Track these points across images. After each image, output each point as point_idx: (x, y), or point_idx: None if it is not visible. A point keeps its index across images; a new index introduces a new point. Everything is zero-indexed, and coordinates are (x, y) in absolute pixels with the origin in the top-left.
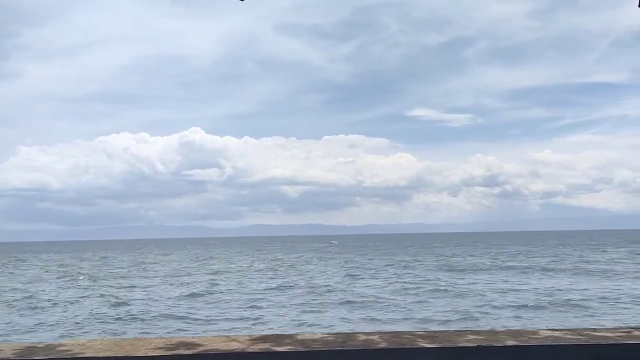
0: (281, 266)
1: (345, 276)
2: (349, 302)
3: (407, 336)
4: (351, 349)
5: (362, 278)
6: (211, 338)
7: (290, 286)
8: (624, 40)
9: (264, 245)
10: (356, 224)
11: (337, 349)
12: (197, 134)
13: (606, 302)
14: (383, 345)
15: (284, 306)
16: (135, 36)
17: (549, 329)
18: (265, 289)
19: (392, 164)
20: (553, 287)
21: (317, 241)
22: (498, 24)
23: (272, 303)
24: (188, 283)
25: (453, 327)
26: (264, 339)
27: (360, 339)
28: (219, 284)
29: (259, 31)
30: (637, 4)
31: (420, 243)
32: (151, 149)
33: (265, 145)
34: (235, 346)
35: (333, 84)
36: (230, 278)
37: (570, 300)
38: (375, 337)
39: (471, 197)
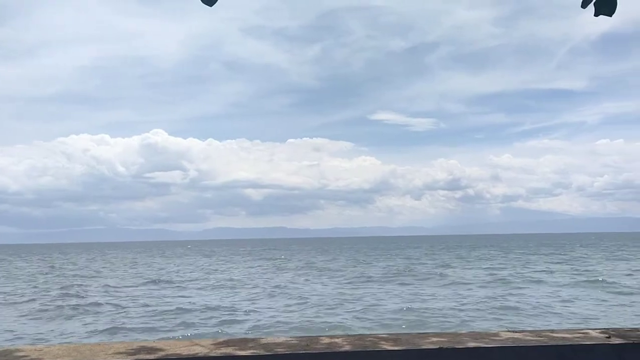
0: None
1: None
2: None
3: (370, 339)
4: (315, 352)
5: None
6: (173, 342)
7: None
8: (582, 48)
9: (215, 249)
10: (320, 227)
11: (301, 352)
12: (159, 136)
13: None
14: (347, 348)
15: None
16: (98, 36)
17: (510, 331)
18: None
19: (356, 167)
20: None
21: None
22: (462, 31)
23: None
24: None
25: (416, 330)
26: (227, 343)
27: (324, 341)
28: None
29: (225, 33)
30: (594, 13)
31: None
32: (112, 150)
33: (229, 147)
34: (197, 350)
35: (298, 87)
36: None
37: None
38: (339, 340)
39: (434, 201)
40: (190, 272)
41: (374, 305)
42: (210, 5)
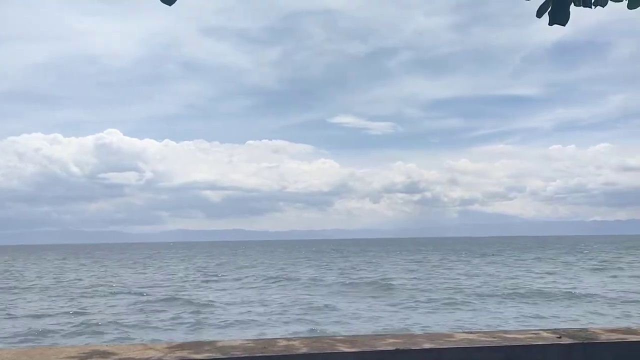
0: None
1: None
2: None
3: (327, 341)
4: (272, 354)
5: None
6: (126, 346)
7: None
8: (536, 56)
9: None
10: (279, 230)
11: (258, 355)
12: (114, 136)
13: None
14: (304, 350)
15: None
16: (50, 34)
17: (464, 332)
18: None
19: (315, 170)
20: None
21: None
22: (421, 36)
23: None
24: None
25: (373, 332)
26: (182, 346)
27: (281, 344)
28: None
29: (183, 33)
30: (548, 22)
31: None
32: (65, 150)
33: (186, 148)
34: (151, 354)
35: (258, 88)
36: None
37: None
38: (296, 343)
39: (392, 204)
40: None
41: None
42: (170, 5)
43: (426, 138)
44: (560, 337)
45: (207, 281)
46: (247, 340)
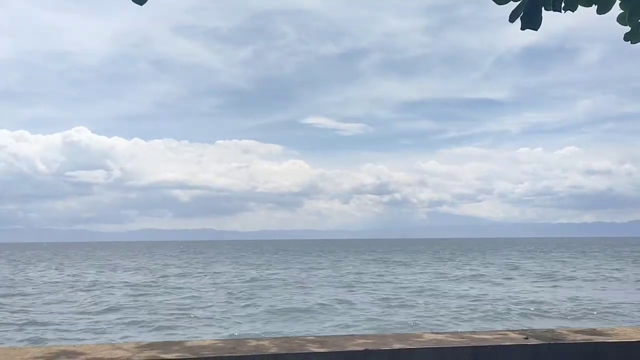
0: None
1: None
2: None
3: (297, 341)
4: (241, 354)
5: None
6: (94, 346)
7: None
8: (505, 60)
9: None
10: (249, 230)
11: (227, 355)
12: (82, 134)
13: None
14: (274, 350)
15: None
16: (17, 29)
17: (433, 333)
18: None
19: (285, 170)
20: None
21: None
22: (393, 38)
23: None
24: None
25: (342, 332)
26: (150, 346)
27: (251, 344)
28: None
29: (153, 31)
30: (520, 26)
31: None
32: (32, 147)
33: (156, 147)
34: (120, 354)
35: (229, 88)
36: None
37: None
38: (266, 343)
39: (362, 205)
40: None
41: None
42: (141, 4)
43: (397, 140)
44: (527, 338)
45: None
46: (217, 340)
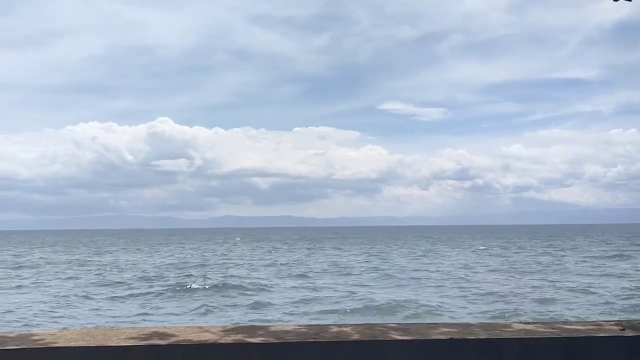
0: None
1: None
2: None
3: (380, 328)
4: (324, 340)
5: None
6: (184, 329)
7: None
8: (594, 37)
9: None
10: (327, 217)
11: (310, 340)
12: (166, 124)
13: None
14: (356, 337)
15: None
16: (103, 26)
17: (522, 322)
18: None
19: (363, 156)
20: None
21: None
22: (472, 19)
23: None
24: None
25: (427, 320)
26: (236, 330)
27: (333, 330)
28: None
29: (230, 22)
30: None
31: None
32: (119, 138)
33: (235, 136)
34: (208, 337)
35: (305, 76)
36: None
37: None
38: (348, 329)
39: (442, 191)
40: None
41: None
42: None
43: (477, 123)
44: (623, 329)
45: None
46: (300, 325)
